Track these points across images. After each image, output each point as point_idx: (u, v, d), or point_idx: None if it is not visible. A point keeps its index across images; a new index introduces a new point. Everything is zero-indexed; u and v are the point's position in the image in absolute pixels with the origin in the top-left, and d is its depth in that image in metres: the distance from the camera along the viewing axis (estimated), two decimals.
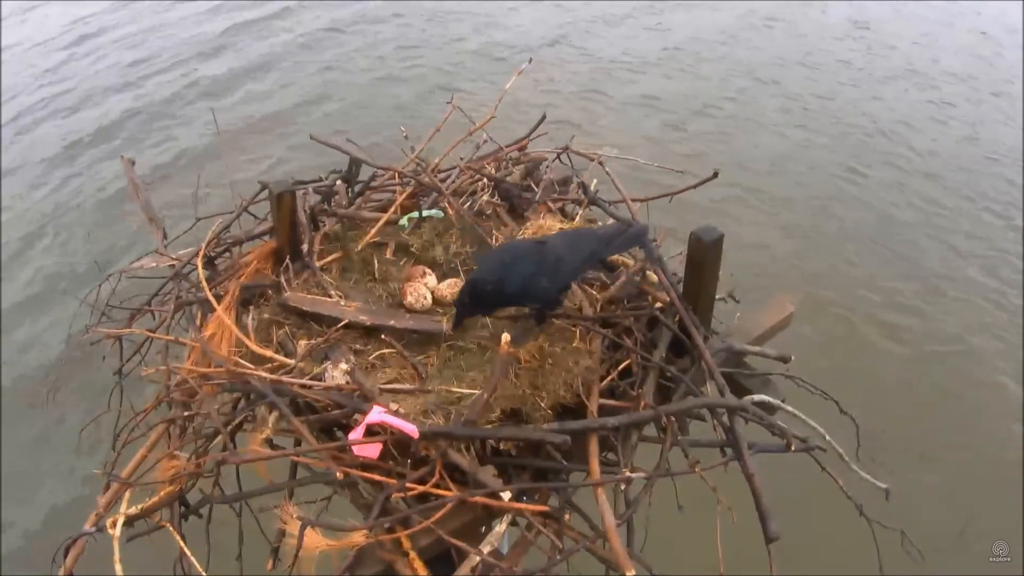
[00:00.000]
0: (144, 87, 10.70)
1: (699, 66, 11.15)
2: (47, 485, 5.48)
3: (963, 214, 8.39)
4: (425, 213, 3.16)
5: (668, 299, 2.66)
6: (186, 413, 2.48)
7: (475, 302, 2.49)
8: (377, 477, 2.20)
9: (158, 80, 10.83)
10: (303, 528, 2.03)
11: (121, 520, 2.20)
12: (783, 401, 2.62)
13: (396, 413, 2.22)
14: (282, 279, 2.85)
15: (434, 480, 2.18)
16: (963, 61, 11.61)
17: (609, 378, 2.52)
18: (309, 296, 2.76)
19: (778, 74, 10.93)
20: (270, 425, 2.40)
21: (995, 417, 6.07)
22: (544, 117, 3.65)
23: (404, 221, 3.16)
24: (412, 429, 2.15)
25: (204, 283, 2.75)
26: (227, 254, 3.16)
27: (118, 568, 2.11)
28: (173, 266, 3.06)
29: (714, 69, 11.06)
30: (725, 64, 11.20)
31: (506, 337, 2.31)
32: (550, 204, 3.26)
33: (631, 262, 2.91)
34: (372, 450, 2.21)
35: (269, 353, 2.53)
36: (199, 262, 2.86)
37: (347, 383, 2.37)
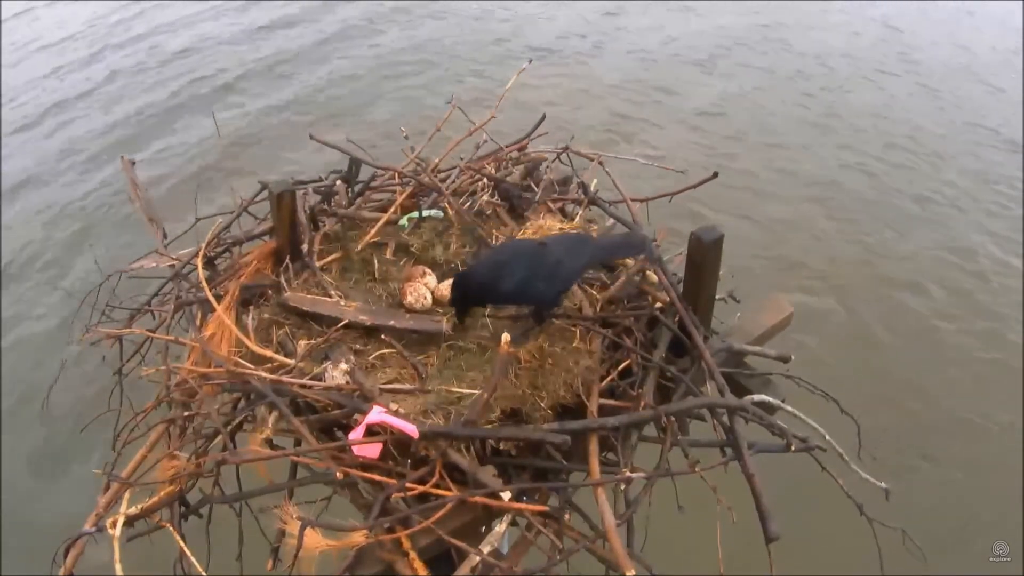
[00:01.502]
0: (147, 87, 10.71)
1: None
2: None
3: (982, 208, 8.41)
4: (425, 213, 3.16)
5: (668, 299, 2.66)
6: (186, 413, 2.48)
7: (465, 297, 2.52)
8: (377, 477, 2.20)
9: (162, 81, 10.85)
10: (303, 528, 2.03)
11: (121, 520, 2.20)
12: (783, 401, 2.62)
13: (396, 413, 2.22)
14: (282, 279, 2.85)
15: (434, 480, 2.18)
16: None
17: (609, 378, 2.51)
18: (309, 296, 2.76)
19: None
20: (270, 425, 2.40)
21: (996, 416, 6.07)
22: (544, 117, 3.65)
23: (404, 221, 3.16)
24: (412, 429, 2.15)
25: (204, 283, 2.75)
26: (227, 254, 3.16)
27: (118, 568, 2.11)
28: (173, 266, 3.06)
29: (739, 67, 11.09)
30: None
31: (506, 337, 2.31)
32: (550, 204, 3.26)
33: (631, 262, 2.91)
34: (372, 450, 2.21)
35: (269, 353, 2.53)
36: (199, 262, 2.86)
37: (347, 383, 2.37)
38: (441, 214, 3.17)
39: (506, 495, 2.13)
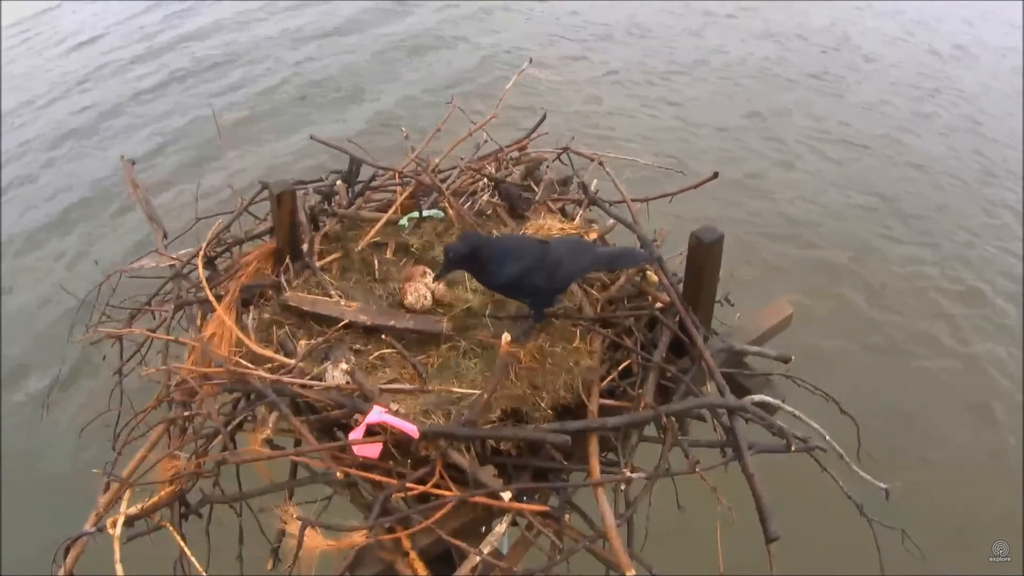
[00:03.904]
0: (149, 86, 10.71)
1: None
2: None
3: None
4: (425, 213, 3.16)
5: (668, 299, 2.66)
6: (186, 413, 2.48)
7: (464, 259, 2.47)
8: (377, 477, 2.20)
9: (162, 80, 10.85)
10: (303, 528, 2.03)
11: (121, 520, 2.20)
12: (783, 401, 2.62)
13: (396, 413, 2.22)
14: (282, 279, 2.85)
15: (434, 480, 2.18)
16: None
17: (609, 378, 2.52)
18: (309, 296, 2.76)
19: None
20: (270, 425, 2.40)
21: (996, 416, 6.07)
22: (544, 116, 3.65)
23: (404, 221, 3.16)
24: (412, 429, 2.15)
25: (204, 283, 2.74)
26: (227, 254, 3.16)
27: (118, 568, 2.11)
28: (173, 266, 3.06)
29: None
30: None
31: (506, 337, 2.31)
32: (550, 204, 3.26)
33: None
34: (372, 450, 2.21)
35: (269, 353, 2.53)
36: (199, 262, 2.86)
37: (347, 383, 2.36)
38: (441, 214, 3.17)
39: (506, 495, 2.13)
